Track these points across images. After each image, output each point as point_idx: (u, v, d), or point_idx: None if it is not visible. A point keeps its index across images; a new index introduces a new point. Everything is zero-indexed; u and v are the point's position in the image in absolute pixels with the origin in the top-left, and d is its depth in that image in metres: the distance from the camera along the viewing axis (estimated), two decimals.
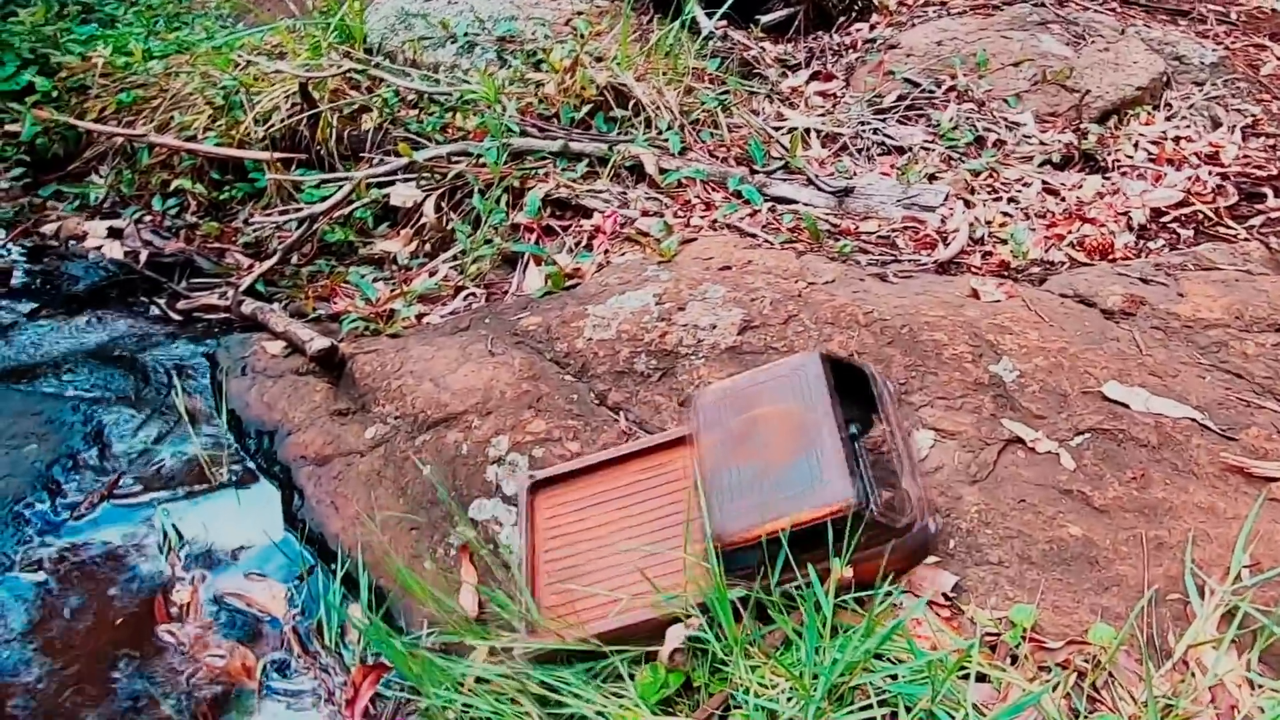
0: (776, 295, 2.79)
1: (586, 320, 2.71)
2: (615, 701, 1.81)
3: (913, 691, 1.63)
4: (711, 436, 1.93)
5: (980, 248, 3.57)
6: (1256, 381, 2.65)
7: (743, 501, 1.79)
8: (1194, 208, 3.88)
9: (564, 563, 2.00)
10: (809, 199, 3.80)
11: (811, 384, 1.95)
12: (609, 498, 2.08)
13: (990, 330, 2.75)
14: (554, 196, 3.63)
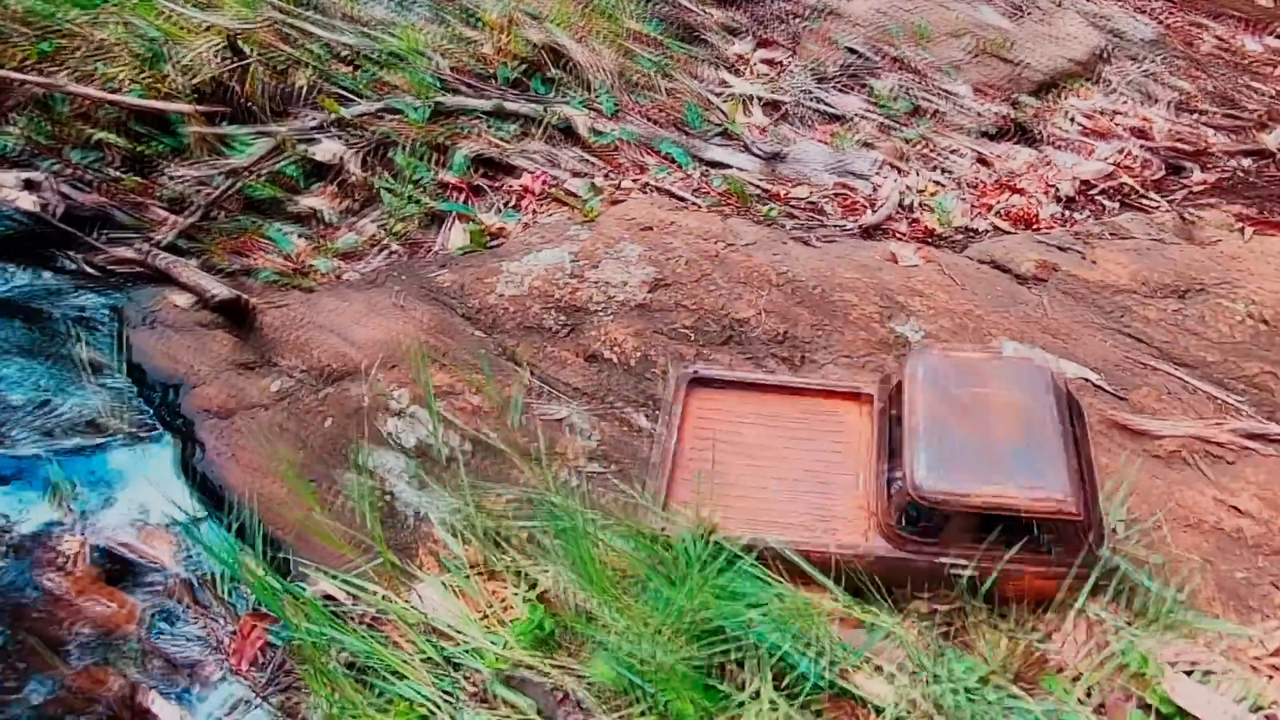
0: (693, 255, 2.78)
1: (500, 277, 2.69)
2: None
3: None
4: (931, 394, 1.93)
5: (908, 215, 3.58)
6: (1155, 345, 2.71)
7: (954, 465, 1.80)
8: (1121, 180, 3.93)
9: (708, 465, 2.00)
10: (742, 164, 3.78)
11: (1041, 387, 1.96)
12: (771, 422, 2.11)
13: (902, 292, 2.77)
14: (484, 156, 3.57)
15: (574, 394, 2.35)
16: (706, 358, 2.42)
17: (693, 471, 1.98)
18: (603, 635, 1.71)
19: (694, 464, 2.00)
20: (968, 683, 1.69)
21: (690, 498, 1.93)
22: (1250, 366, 2.61)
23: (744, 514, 1.91)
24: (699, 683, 1.61)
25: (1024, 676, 1.80)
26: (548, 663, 1.79)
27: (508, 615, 1.92)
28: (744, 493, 1.96)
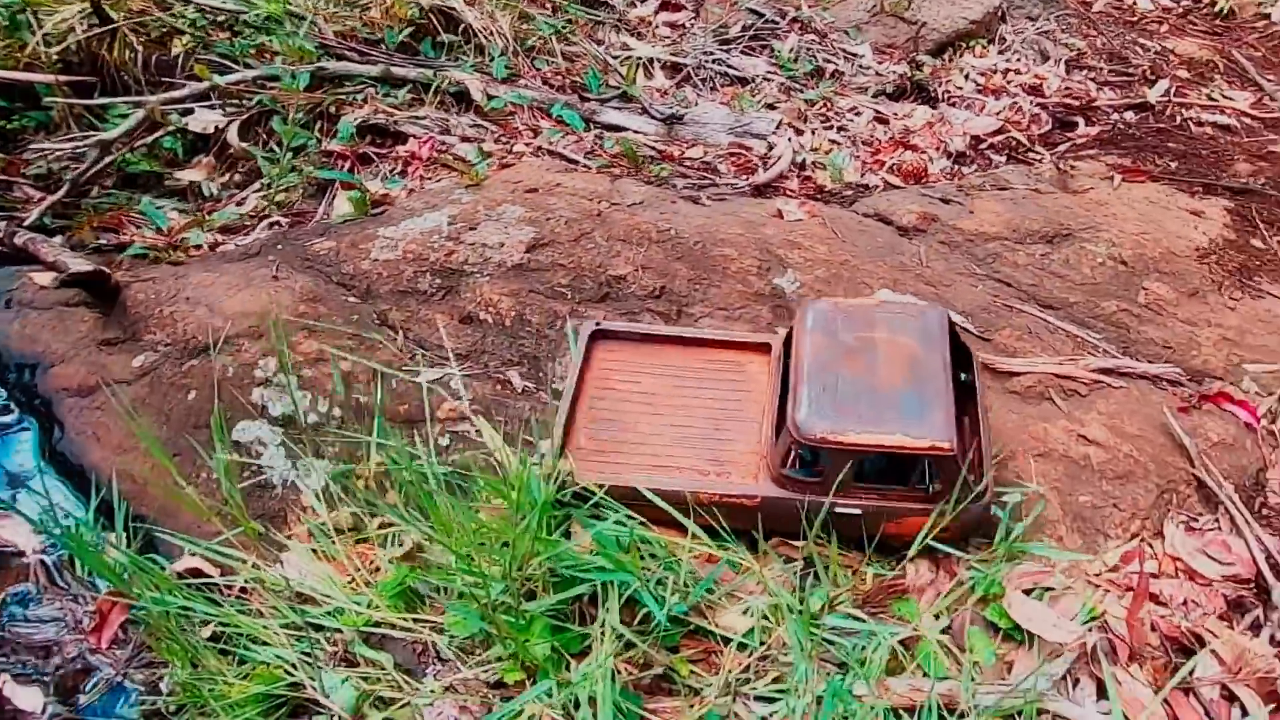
0: (574, 215, 2.79)
1: (375, 242, 2.65)
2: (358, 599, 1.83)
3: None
4: (819, 339, 1.96)
5: (801, 172, 3.64)
6: (1022, 288, 2.82)
7: (839, 406, 1.82)
8: (1010, 135, 4.05)
9: (607, 415, 2.05)
10: (640, 126, 3.78)
11: (932, 330, 2.00)
12: (673, 372, 2.13)
13: (782, 246, 2.82)
14: (372, 123, 3.50)
15: (448, 356, 2.34)
16: (581, 315, 2.43)
17: (591, 421, 2.01)
18: (462, 588, 1.72)
19: (593, 414, 2.04)
20: (814, 610, 1.76)
21: (588, 446, 1.97)
22: (1108, 305, 2.74)
23: (640, 460, 1.96)
24: (548, 626, 1.65)
25: (875, 602, 1.88)
26: (410, 619, 1.80)
27: (376, 577, 1.93)
28: (641, 440, 2.00)
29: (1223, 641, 1.89)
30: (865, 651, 1.71)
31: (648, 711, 1.65)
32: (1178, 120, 4.17)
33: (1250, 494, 2.24)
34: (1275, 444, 2.36)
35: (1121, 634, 1.89)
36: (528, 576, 1.67)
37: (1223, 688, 1.82)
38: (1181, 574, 2.07)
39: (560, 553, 1.60)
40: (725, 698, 1.66)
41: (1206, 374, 2.56)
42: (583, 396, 2.06)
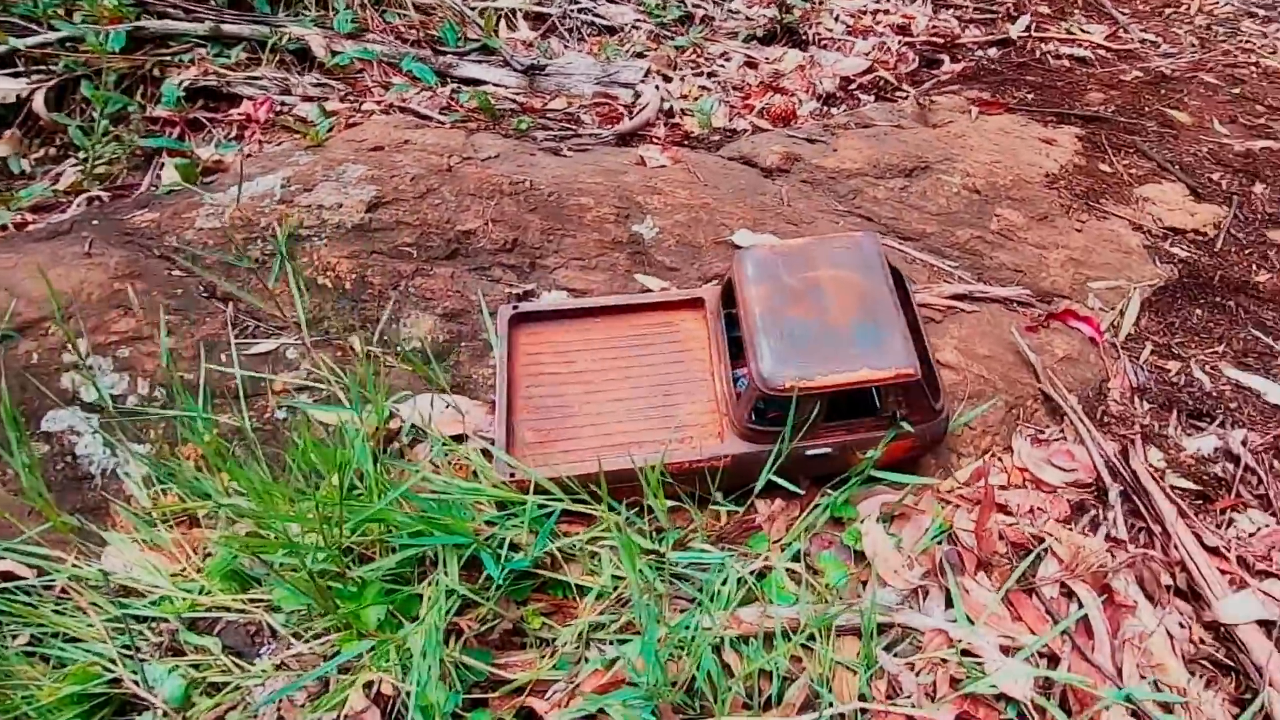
0: (420, 171, 2.69)
1: (200, 210, 2.50)
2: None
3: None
4: (764, 287, 1.91)
5: (668, 120, 3.64)
6: (881, 221, 2.90)
7: (800, 352, 1.79)
8: (877, 74, 4.15)
9: (547, 401, 1.95)
10: (500, 79, 3.69)
11: (871, 259, 1.98)
12: (605, 345, 2.04)
13: (641, 192, 2.81)
14: (202, 86, 3.29)
15: (284, 325, 2.24)
16: (427, 273, 2.37)
17: (531, 412, 1.93)
18: (283, 560, 1.66)
19: (531, 404, 1.95)
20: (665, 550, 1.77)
21: (534, 439, 1.90)
22: (963, 233, 2.84)
23: (593, 442, 1.89)
24: (381, 591, 1.61)
25: (729, 539, 1.92)
26: (242, 600, 1.73)
27: (207, 561, 1.84)
28: (589, 421, 1.94)
29: (1062, 542, 2.01)
30: (716, 585, 1.73)
31: (497, 666, 1.64)
32: (1037, 54, 4.35)
33: (1093, 404, 2.38)
34: (1116, 355, 2.51)
35: (971, 545, 1.99)
36: (354, 544, 1.62)
37: (1061, 585, 1.93)
38: (1029, 484, 2.19)
39: (392, 518, 1.56)
40: (577, 645, 1.66)
41: (1054, 294, 2.70)
42: (516, 388, 1.97)
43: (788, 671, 1.64)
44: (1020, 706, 1.67)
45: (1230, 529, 2.09)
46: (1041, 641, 1.75)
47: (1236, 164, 3.35)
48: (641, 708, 1.48)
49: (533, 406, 1.95)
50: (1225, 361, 2.54)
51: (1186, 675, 1.79)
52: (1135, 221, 3.00)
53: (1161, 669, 1.79)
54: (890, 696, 1.63)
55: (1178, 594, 1.94)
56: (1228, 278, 2.81)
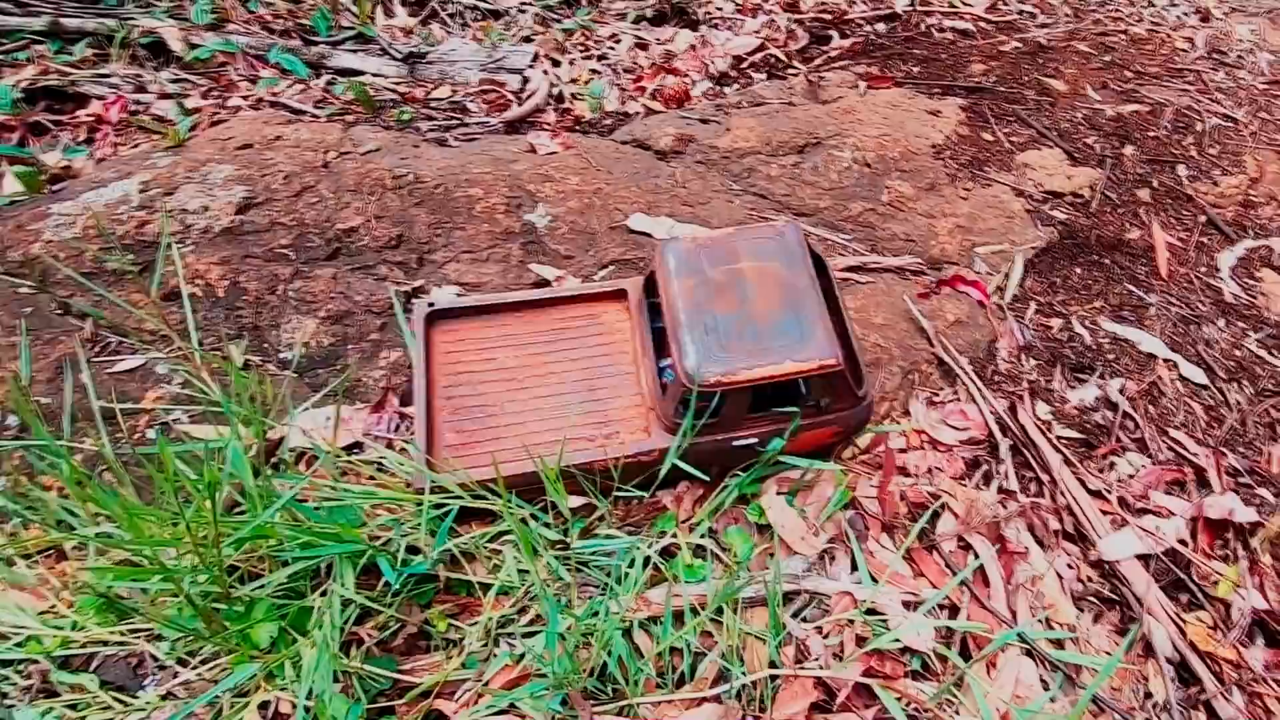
0: (295, 169, 2.65)
1: (48, 221, 2.39)
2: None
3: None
4: (688, 281, 1.91)
5: (559, 105, 3.67)
6: (776, 199, 3.02)
7: (725, 346, 1.80)
8: (768, 52, 4.29)
9: (469, 400, 1.90)
10: (378, 69, 3.65)
11: (794, 249, 1.99)
12: (527, 340, 2.02)
13: (533, 181, 2.84)
14: (43, 85, 3.13)
15: (151, 339, 2.17)
16: (307, 275, 2.34)
17: (453, 412, 1.91)
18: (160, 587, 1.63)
19: (453, 404, 1.93)
20: (569, 539, 1.82)
21: (456, 441, 1.88)
22: (855, 206, 2.99)
23: (518, 442, 1.88)
24: (272, 608, 1.60)
25: (635, 522, 1.98)
26: (120, 632, 1.68)
27: (77, 596, 1.78)
28: (514, 419, 1.93)
29: (957, 498, 2.15)
30: (624, 569, 1.79)
31: (402, 672, 1.65)
32: (923, 28, 4.59)
33: (983, 364, 2.55)
34: (1003, 316, 2.70)
35: (874, 511, 2.11)
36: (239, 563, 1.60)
37: (959, 539, 2.08)
38: (926, 445, 2.34)
39: (275, 533, 1.55)
40: (485, 643, 1.69)
41: (944, 261, 2.88)
42: (435, 388, 1.94)
43: (699, 647, 1.71)
44: (923, 657, 1.79)
45: (1111, 472, 2.29)
46: (942, 594, 1.88)
47: (1108, 128, 3.63)
48: (551, 699, 1.53)
49: (454, 407, 1.94)
50: (1103, 316, 2.76)
51: (1075, 612, 1.96)
52: (1017, 187, 3.22)
53: (1053, 608, 1.95)
54: (799, 661, 1.73)
55: (1065, 537, 2.12)
56: (1103, 237, 3.06)
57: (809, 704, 1.65)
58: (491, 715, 1.55)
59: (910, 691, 1.70)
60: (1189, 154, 3.47)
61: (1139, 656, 1.91)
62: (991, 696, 1.73)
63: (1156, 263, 2.97)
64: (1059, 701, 1.78)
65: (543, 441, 1.90)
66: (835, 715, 1.65)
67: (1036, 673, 1.82)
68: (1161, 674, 1.85)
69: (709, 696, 1.64)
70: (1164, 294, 2.86)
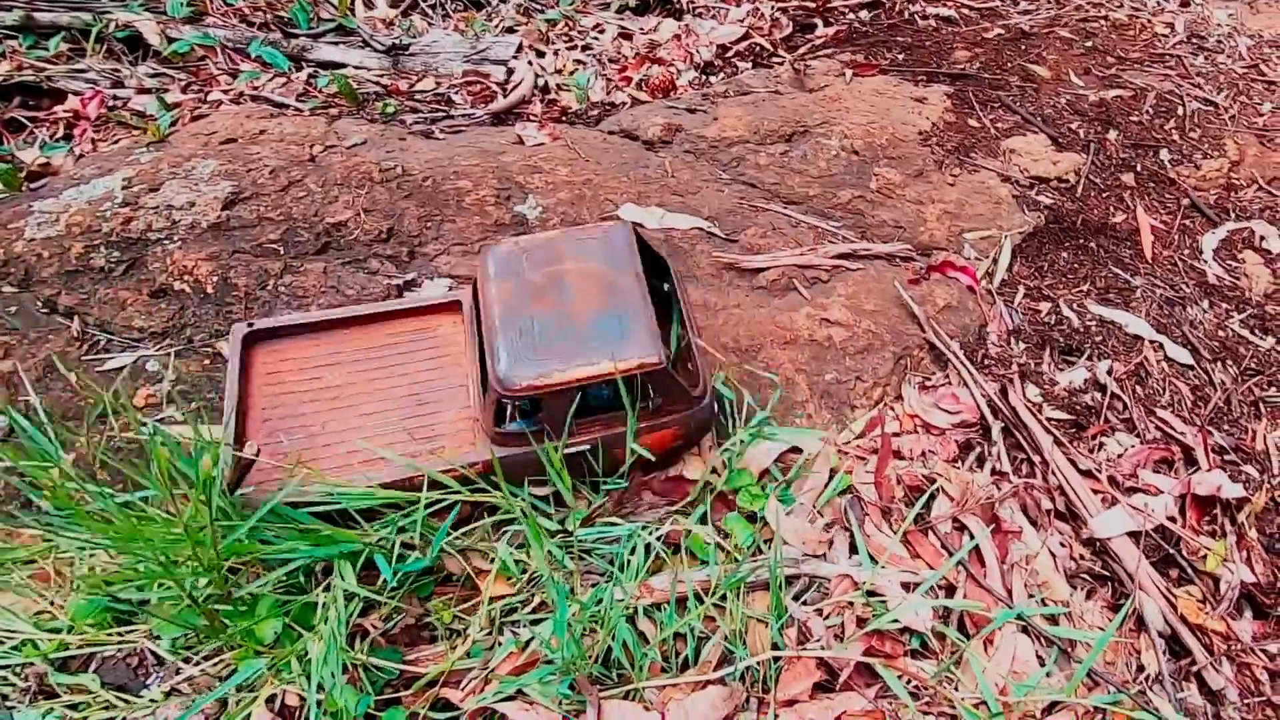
0: (281, 163, 2.65)
1: (30, 219, 2.38)
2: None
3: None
4: (506, 285, 1.87)
5: (544, 96, 3.69)
6: (765, 188, 3.05)
7: (539, 349, 1.76)
8: (753, 41, 4.33)
9: (289, 421, 1.85)
10: (360, 61, 3.64)
11: (620, 249, 1.96)
12: (354, 357, 1.97)
13: (522, 172, 2.86)
14: (16, 81, 3.10)
15: (140, 336, 2.17)
16: (297, 270, 2.34)
17: (267, 435, 1.84)
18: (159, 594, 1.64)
19: (270, 425, 1.87)
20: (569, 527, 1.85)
21: (270, 461, 1.81)
22: (844, 194, 3.03)
23: (339, 460, 1.84)
24: (275, 604, 1.61)
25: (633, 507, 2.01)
26: (117, 634, 1.69)
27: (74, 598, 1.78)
28: (335, 438, 1.87)
29: (952, 481, 2.20)
30: (626, 555, 1.82)
31: (408, 663, 1.67)
32: (906, 15, 4.63)
33: (974, 348, 2.60)
34: (992, 301, 2.75)
35: (870, 497, 2.15)
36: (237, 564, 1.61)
37: (954, 520, 2.13)
38: (919, 429, 2.39)
39: (265, 534, 1.56)
40: (489, 632, 1.71)
41: (933, 247, 2.92)
42: (251, 410, 1.88)
43: (702, 631, 1.75)
44: (923, 636, 1.84)
45: (1101, 452, 2.34)
46: (939, 575, 1.93)
47: (1092, 113, 3.70)
48: (559, 683, 1.56)
49: (270, 430, 1.87)
50: (1090, 299, 2.82)
51: (1069, 589, 2.01)
52: (1003, 173, 3.28)
53: (1047, 586, 2.01)
54: (802, 642, 1.77)
55: (1058, 516, 2.17)
56: (1088, 221, 3.12)
57: (812, 684, 1.69)
58: (500, 701, 1.57)
59: (911, 669, 1.74)
60: (1171, 138, 3.54)
61: (1131, 631, 1.96)
62: (990, 672, 1.78)
63: (1141, 246, 3.04)
64: (1055, 676, 1.83)
65: (362, 460, 1.83)
66: (838, 695, 1.69)
67: (1033, 649, 1.87)
68: (1154, 647, 1.90)
69: (713, 679, 1.67)
70: (1149, 276, 2.92)
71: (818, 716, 1.63)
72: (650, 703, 1.62)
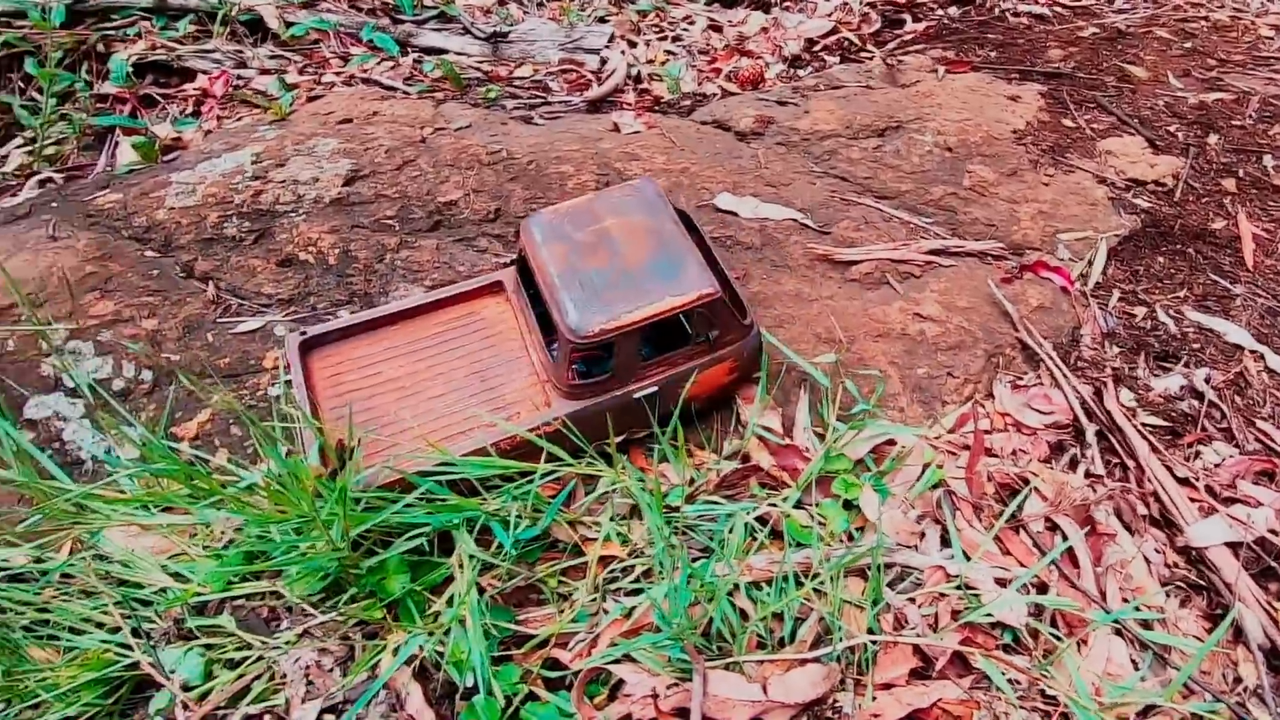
0: (395, 143, 2.72)
1: (169, 189, 2.49)
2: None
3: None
4: (557, 247, 1.96)
5: (637, 86, 3.69)
6: (858, 181, 3.01)
7: (604, 297, 1.84)
8: (842, 35, 4.26)
9: (359, 419, 1.91)
10: (462, 47, 3.70)
11: (654, 201, 2.07)
12: (409, 350, 2.04)
13: (620, 159, 2.88)
14: (151, 60, 3.24)
15: (269, 302, 2.26)
16: (412, 245, 2.40)
17: (342, 433, 1.87)
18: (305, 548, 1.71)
19: (342, 422, 1.90)
20: (672, 502, 1.87)
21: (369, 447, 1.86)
22: (937, 190, 2.98)
23: (418, 445, 1.87)
24: (404, 563, 1.68)
25: (731, 485, 2.02)
26: (250, 585, 1.78)
27: (213, 544, 1.88)
28: (410, 424, 1.92)
29: (1044, 480, 2.16)
30: (725, 533, 1.84)
31: (518, 624, 1.72)
32: (997, 12, 4.51)
33: (1067, 350, 2.54)
34: (1086, 303, 2.68)
35: (962, 493, 2.13)
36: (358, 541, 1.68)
37: (1046, 520, 2.09)
38: (1010, 427, 2.35)
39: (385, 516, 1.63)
40: (594, 598, 1.75)
41: (1027, 246, 2.86)
42: (321, 412, 1.91)
43: (798, 612, 1.76)
44: (1016, 632, 1.82)
45: (1198, 460, 2.27)
46: (1032, 572, 1.90)
47: (1191, 116, 3.55)
48: (670, 647, 1.59)
49: (343, 427, 1.88)
50: (1187, 305, 2.73)
51: (1163, 596, 1.96)
52: (1099, 174, 3.18)
53: (1140, 591, 1.96)
54: (897, 628, 1.77)
55: (1153, 523, 2.12)
56: (1187, 226, 3.00)
57: (909, 670, 1.69)
58: (609, 663, 1.61)
59: (1012, 661, 1.72)
60: (1276, 144, 3.38)
61: (1228, 641, 1.91)
62: (1084, 671, 1.76)
63: (1242, 253, 2.92)
64: (1149, 681, 1.79)
65: (443, 438, 1.87)
66: (933, 682, 1.69)
67: (1126, 652, 1.83)
68: (1254, 659, 1.85)
69: (810, 658, 1.68)
70: (1250, 285, 2.81)
71: (915, 701, 1.63)
72: (750, 675, 1.64)
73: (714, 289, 1.88)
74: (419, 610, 1.66)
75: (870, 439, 2.17)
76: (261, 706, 1.60)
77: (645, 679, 1.58)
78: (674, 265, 1.92)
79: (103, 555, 1.80)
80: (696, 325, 1.92)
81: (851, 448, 2.13)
